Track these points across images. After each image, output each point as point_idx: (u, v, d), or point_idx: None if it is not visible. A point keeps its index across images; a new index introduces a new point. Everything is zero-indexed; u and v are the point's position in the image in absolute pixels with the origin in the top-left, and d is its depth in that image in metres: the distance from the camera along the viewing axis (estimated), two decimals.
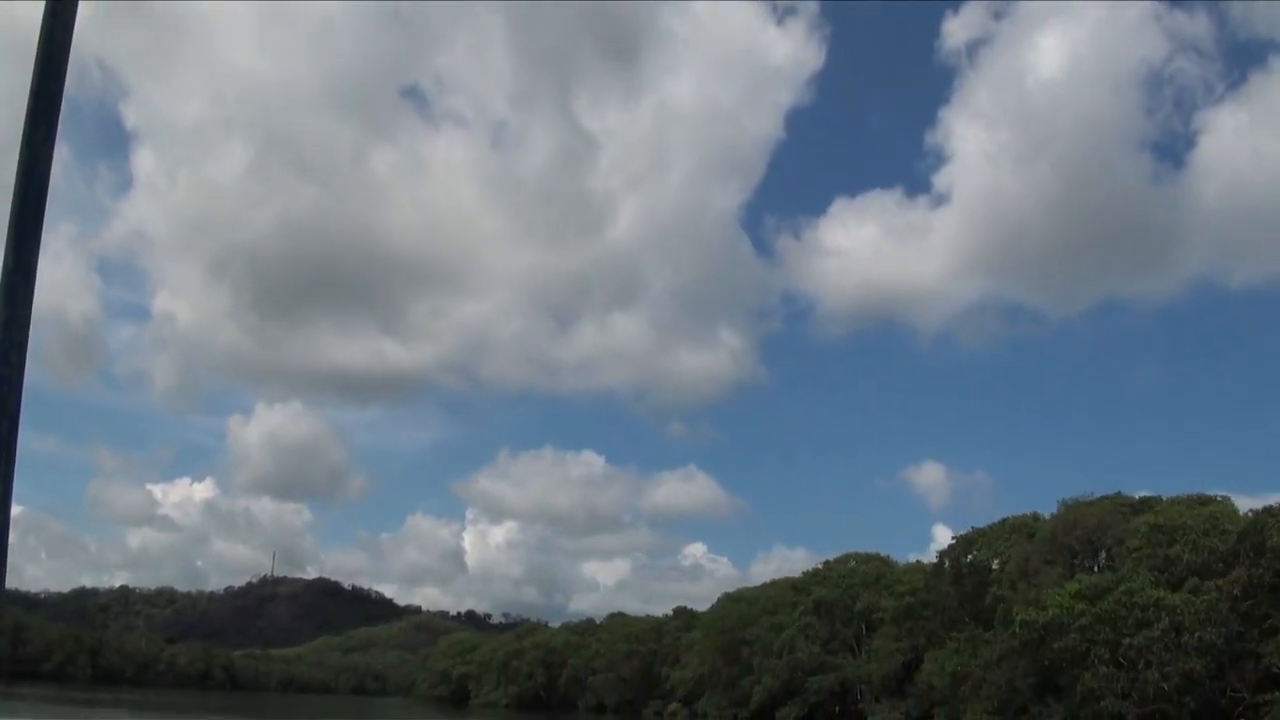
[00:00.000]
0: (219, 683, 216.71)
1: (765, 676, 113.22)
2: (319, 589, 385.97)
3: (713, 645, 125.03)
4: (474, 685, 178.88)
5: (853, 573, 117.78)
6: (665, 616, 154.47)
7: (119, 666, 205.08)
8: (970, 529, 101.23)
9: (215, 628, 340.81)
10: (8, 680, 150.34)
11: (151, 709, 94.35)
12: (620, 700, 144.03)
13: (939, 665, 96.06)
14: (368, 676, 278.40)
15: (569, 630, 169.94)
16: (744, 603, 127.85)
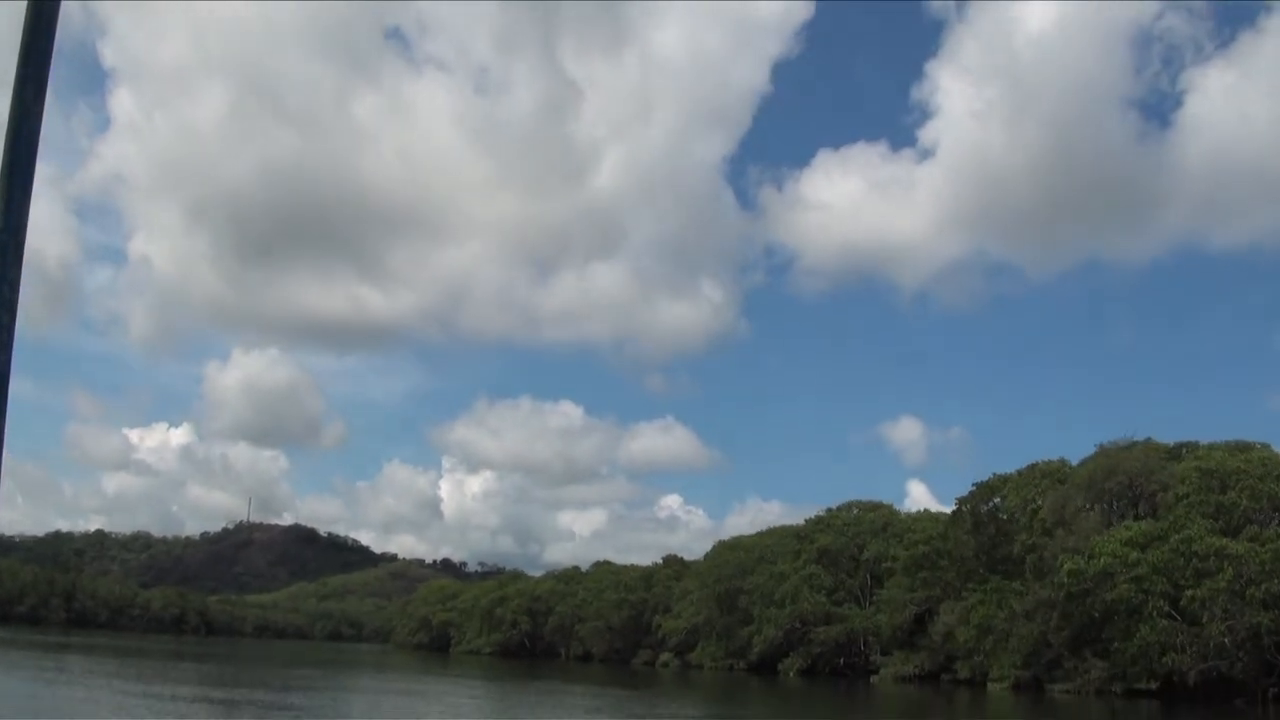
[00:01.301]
0: (194, 627, 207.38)
1: (766, 627, 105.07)
2: (295, 536, 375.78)
3: (708, 594, 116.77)
4: (455, 633, 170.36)
5: (858, 520, 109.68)
6: (655, 565, 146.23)
7: (93, 610, 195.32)
8: (992, 475, 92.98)
9: (190, 573, 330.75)
10: None
11: (127, 654, 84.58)
12: (608, 649, 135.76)
13: (960, 617, 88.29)
14: (344, 623, 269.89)
15: (554, 578, 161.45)
16: (741, 550, 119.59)
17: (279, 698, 43.97)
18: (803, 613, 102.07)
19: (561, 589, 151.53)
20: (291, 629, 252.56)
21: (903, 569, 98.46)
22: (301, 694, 48.29)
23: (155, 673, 58.43)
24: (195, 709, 35.94)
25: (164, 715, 30.90)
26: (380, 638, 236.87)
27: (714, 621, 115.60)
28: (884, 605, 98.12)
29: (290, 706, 39.52)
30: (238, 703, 37.84)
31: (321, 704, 43.27)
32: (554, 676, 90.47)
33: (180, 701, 37.32)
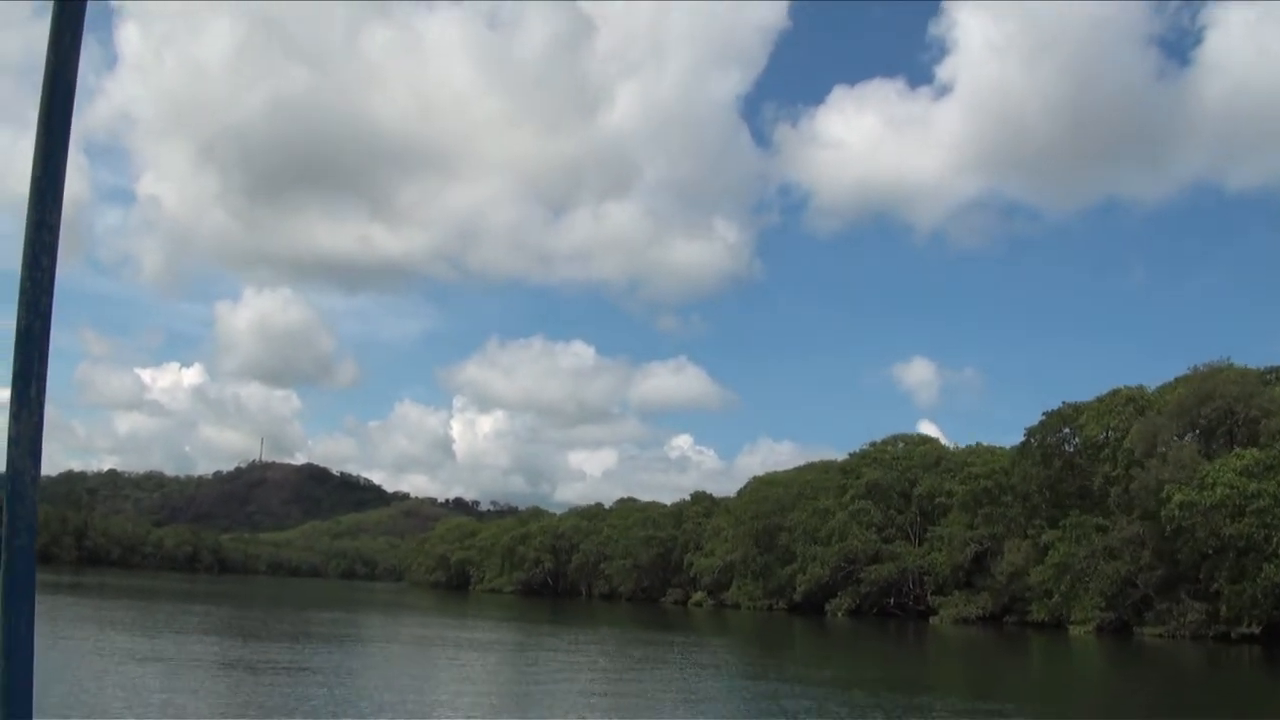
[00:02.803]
0: (207, 565, 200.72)
1: (811, 565, 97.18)
2: (307, 475, 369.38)
3: (744, 532, 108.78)
4: (474, 571, 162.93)
5: (907, 455, 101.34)
6: (683, 501, 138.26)
7: (105, 548, 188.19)
8: (1062, 404, 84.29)
9: (203, 512, 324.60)
10: None
11: (134, 595, 76.78)
12: (635, 588, 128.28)
13: (1026, 555, 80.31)
14: (357, 561, 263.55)
15: (577, 515, 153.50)
16: (779, 486, 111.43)
17: (304, 656, 35.68)
18: (851, 550, 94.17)
19: (585, 526, 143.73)
20: (305, 567, 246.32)
21: (960, 505, 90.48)
22: (330, 650, 40.14)
23: (159, 620, 50.40)
24: (205, 674, 27.68)
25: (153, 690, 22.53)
26: (394, 576, 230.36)
27: (750, 560, 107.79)
28: (940, 543, 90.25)
29: (320, 668, 31.24)
30: (257, 666, 29.50)
31: (356, 662, 35.06)
32: (589, 618, 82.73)
33: (185, 665, 29.08)
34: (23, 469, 1.41)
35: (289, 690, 23.95)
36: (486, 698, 25.21)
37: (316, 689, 24.98)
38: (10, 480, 1.40)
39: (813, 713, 25.38)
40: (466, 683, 28.94)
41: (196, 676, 26.15)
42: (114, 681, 23.67)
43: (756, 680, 34.29)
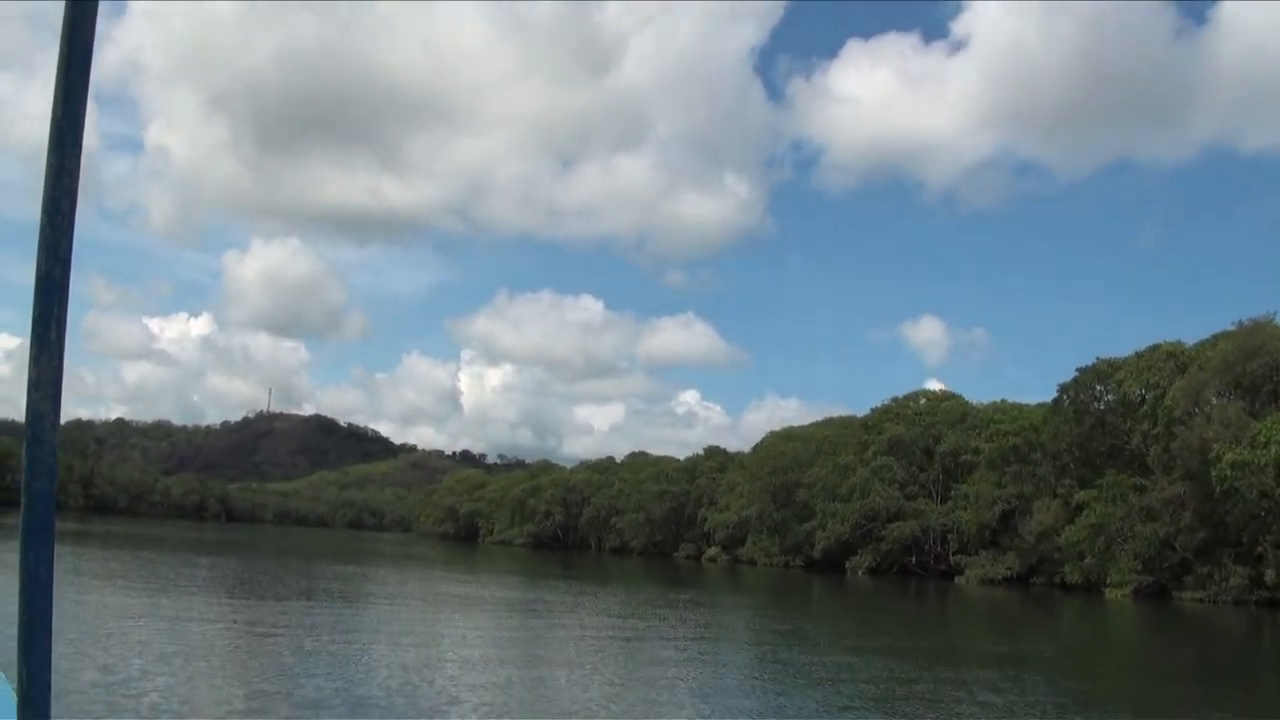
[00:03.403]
0: (214, 514, 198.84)
1: (831, 522, 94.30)
2: (315, 425, 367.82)
3: (761, 487, 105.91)
4: (483, 523, 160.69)
5: (931, 410, 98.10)
6: (696, 456, 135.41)
7: (112, 496, 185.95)
8: (1096, 360, 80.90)
9: (211, 461, 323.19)
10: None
11: (138, 545, 74.31)
12: (648, 542, 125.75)
13: (1055, 515, 77.38)
14: (365, 511, 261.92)
15: (588, 468, 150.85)
16: (797, 441, 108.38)
17: (314, 614, 32.69)
18: (873, 508, 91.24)
19: (597, 480, 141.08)
20: (313, 516, 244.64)
21: (987, 463, 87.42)
22: (342, 606, 37.22)
23: (163, 571, 47.50)
24: (211, 635, 24.65)
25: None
26: (401, 526, 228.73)
27: (767, 515, 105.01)
28: (965, 501, 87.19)
29: (329, 628, 28.27)
30: (267, 630, 26.46)
31: (367, 619, 32.08)
32: (608, 575, 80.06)
33: (186, 623, 26.06)
34: (43, 412, 1.39)
35: (293, 650, 21.11)
36: (508, 672, 22.23)
37: (323, 654, 22.06)
38: (31, 424, 1.39)
39: (863, 682, 22.41)
40: (491, 646, 26.04)
41: (199, 635, 23.23)
42: (115, 638, 20.84)
43: (801, 646, 31.30)
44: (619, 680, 21.35)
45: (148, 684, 16.27)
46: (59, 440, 1.43)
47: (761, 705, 19.62)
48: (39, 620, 1.36)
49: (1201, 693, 25.11)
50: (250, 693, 16.79)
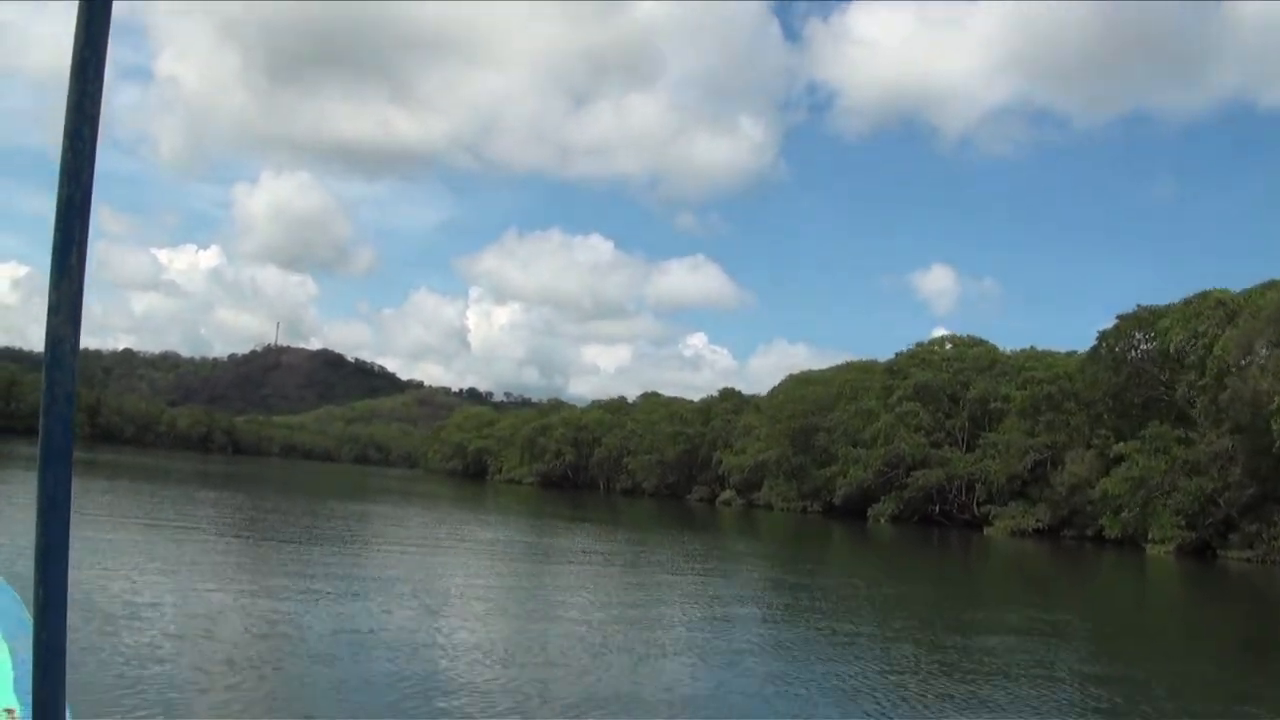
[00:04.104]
0: (220, 446, 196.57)
1: (853, 468, 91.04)
2: (322, 360, 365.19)
3: (780, 431, 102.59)
4: (492, 461, 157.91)
5: (960, 356, 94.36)
6: (710, 397, 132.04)
7: (118, 426, 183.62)
8: (1137, 307, 76.95)
9: (218, 393, 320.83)
10: (2, 436, 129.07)
11: (138, 476, 71.26)
12: (660, 484, 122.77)
13: (1089, 466, 74.08)
14: (371, 447, 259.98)
15: (600, 408, 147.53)
16: (817, 385, 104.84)
17: (321, 559, 29.39)
18: (897, 454, 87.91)
19: (609, 420, 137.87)
20: (319, 451, 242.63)
21: (1019, 411, 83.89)
22: (356, 550, 33.96)
23: (165, 504, 44.18)
24: (216, 577, 21.26)
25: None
26: (408, 462, 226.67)
27: (785, 460, 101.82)
28: (994, 450, 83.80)
29: (344, 571, 24.94)
30: (281, 590, 23.03)
31: (378, 563, 28.73)
32: (627, 518, 77.01)
33: (187, 571, 22.62)
34: (63, 336, 1.35)
35: (296, 595, 17.86)
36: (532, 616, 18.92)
37: (324, 600, 19.21)
38: (50, 348, 1.35)
39: (892, 639, 19.09)
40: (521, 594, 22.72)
41: (198, 576, 20.01)
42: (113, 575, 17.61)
43: (848, 600, 27.97)
44: (627, 635, 18.76)
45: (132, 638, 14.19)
46: (78, 366, 1.42)
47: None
48: (56, 542, 1.35)
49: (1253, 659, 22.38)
50: (248, 637, 15.20)
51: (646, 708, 13.19)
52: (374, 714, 11.52)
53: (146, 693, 11.22)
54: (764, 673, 16.33)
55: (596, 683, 14.36)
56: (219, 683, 12.28)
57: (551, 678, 14.37)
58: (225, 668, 13.02)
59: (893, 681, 16.52)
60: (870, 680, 16.32)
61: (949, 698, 15.42)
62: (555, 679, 14.31)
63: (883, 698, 15.08)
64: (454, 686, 13.28)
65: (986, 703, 15.27)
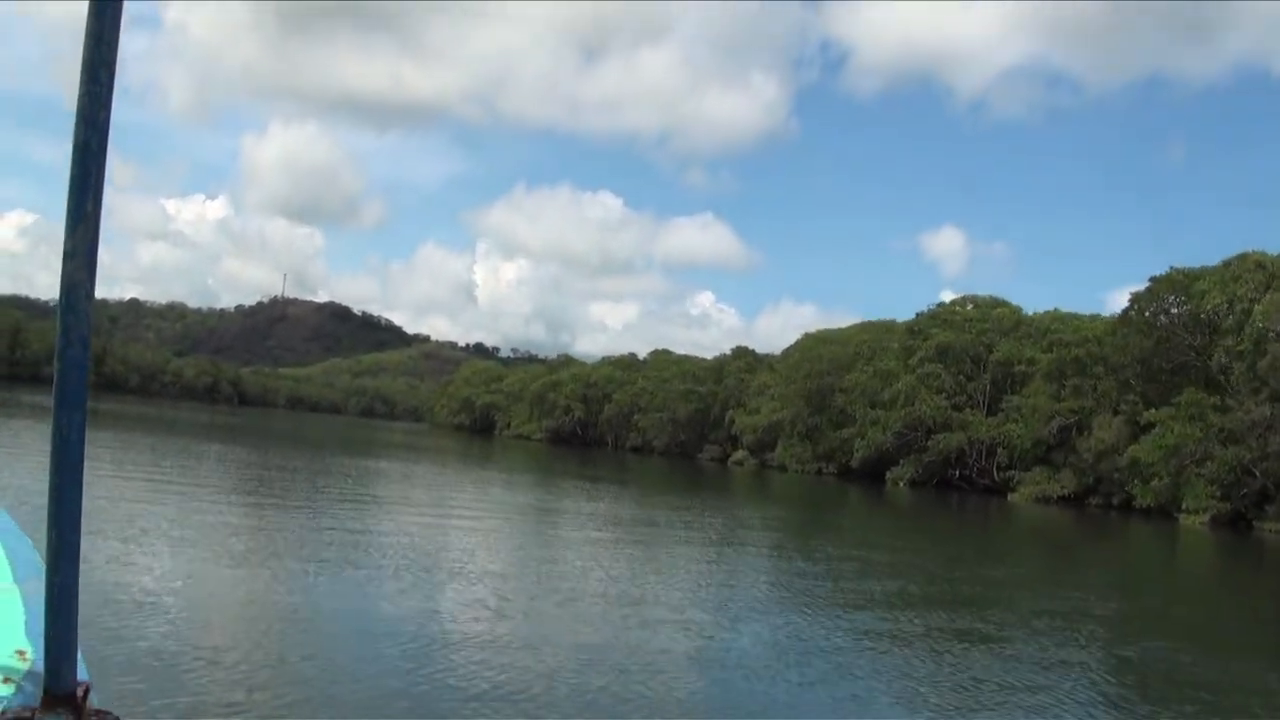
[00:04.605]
0: (226, 397, 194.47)
1: (871, 430, 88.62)
2: (329, 312, 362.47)
3: (796, 390, 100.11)
4: (500, 416, 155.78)
5: (982, 317, 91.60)
6: (723, 356, 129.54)
7: (124, 376, 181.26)
8: (1170, 269, 74.17)
9: (224, 345, 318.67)
10: (6, 383, 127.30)
11: (135, 426, 69.28)
12: (671, 442, 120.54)
13: (1116, 433, 71.69)
14: (377, 400, 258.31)
15: (610, 364, 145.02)
16: (834, 344, 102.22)
17: (327, 518, 27.10)
18: (918, 416, 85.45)
19: (620, 376, 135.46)
20: (325, 403, 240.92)
21: (1044, 375, 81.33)
22: (365, 508, 31.67)
23: (168, 456, 41.86)
24: (209, 535, 18.96)
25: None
26: (413, 416, 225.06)
27: (800, 420, 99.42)
28: (1019, 414, 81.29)
29: (351, 528, 22.63)
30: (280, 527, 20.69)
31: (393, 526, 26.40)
32: (636, 472, 74.85)
33: (189, 524, 20.25)
34: (78, 282, 1.35)
35: (297, 555, 15.96)
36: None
37: (329, 563, 17.56)
38: (65, 293, 1.35)
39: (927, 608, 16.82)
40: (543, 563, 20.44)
41: (200, 535, 17.85)
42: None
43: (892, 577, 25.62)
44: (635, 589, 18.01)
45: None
46: (93, 310, 1.42)
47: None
48: (69, 485, 1.35)
49: None
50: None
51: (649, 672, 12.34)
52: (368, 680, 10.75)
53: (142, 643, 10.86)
54: (768, 640, 15.16)
55: (602, 644, 13.51)
56: (214, 639, 11.84)
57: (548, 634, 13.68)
58: (222, 621, 12.79)
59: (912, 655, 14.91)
60: (891, 653, 15.02)
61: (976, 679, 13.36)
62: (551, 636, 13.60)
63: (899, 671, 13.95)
64: (452, 662, 12.10)
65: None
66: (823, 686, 12.89)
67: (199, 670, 10.36)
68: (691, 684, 12.29)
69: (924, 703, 12.63)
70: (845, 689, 12.96)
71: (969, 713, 12.43)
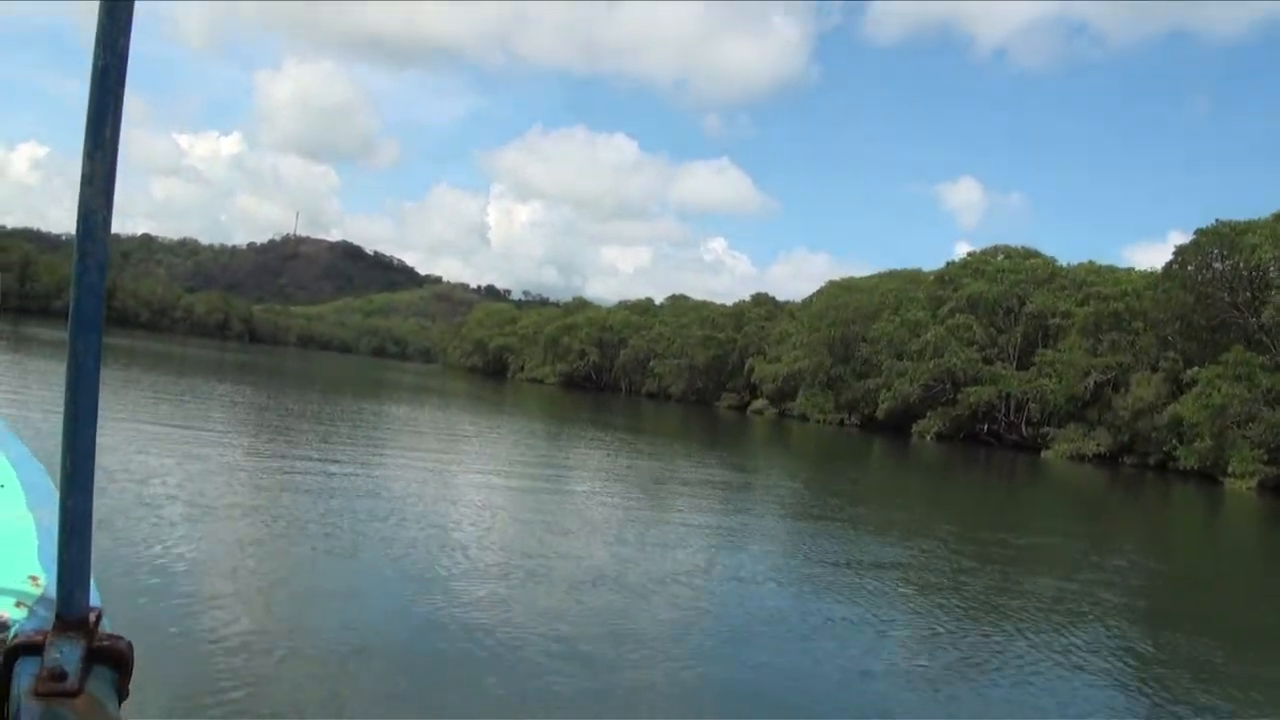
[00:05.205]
0: (237, 334, 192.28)
1: (899, 381, 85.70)
2: (341, 252, 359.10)
3: (819, 339, 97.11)
4: (513, 359, 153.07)
5: (1015, 268, 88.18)
6: (743, 302, 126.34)
7: (134, 310, 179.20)
8: (1216, 221, 70.55)
9: (236, 281, 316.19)
10: (15, 316, 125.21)
11: (163, 364, 66.67)
12: (688, 389, 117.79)
13: (1155, 391, 68.78)
14: (389, 340, 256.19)
15: (627, 309, 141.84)
16: (860, 293, 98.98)
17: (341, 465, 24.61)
18: (948, 369, 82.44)
19: (636, 321, 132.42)
20: (336, 342, 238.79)
21: (1080, 329, 78.16)
22: (381, 451, 29.02)
23: (174, 394, 39.10)
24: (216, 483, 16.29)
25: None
26: (424, 357, 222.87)
27: (822, 370, 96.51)
28: (1051, 369, 78.20)
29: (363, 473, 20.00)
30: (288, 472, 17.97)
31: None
32: (657, 420, 72.08)
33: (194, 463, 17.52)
34: (95, 208, 1.36)
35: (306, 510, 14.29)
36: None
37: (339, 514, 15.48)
38: (83, 219, 1.35)
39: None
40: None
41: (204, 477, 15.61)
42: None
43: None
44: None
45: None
46: (110, 238, 1.42)
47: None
48: (84, 410, 1.36)
49: None
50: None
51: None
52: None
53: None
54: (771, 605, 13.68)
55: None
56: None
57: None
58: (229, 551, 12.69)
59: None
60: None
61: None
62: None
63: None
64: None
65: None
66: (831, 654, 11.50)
67: (211, 597, 10.45)
68: (678, 655, 10.77)
69: (935, 667, 11.24)
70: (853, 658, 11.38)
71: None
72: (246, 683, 8.21)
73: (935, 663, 11.43)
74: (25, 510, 2.18)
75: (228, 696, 7.85)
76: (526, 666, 9.44)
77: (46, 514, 2.04)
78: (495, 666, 9.36)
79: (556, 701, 8.74)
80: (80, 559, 1.36)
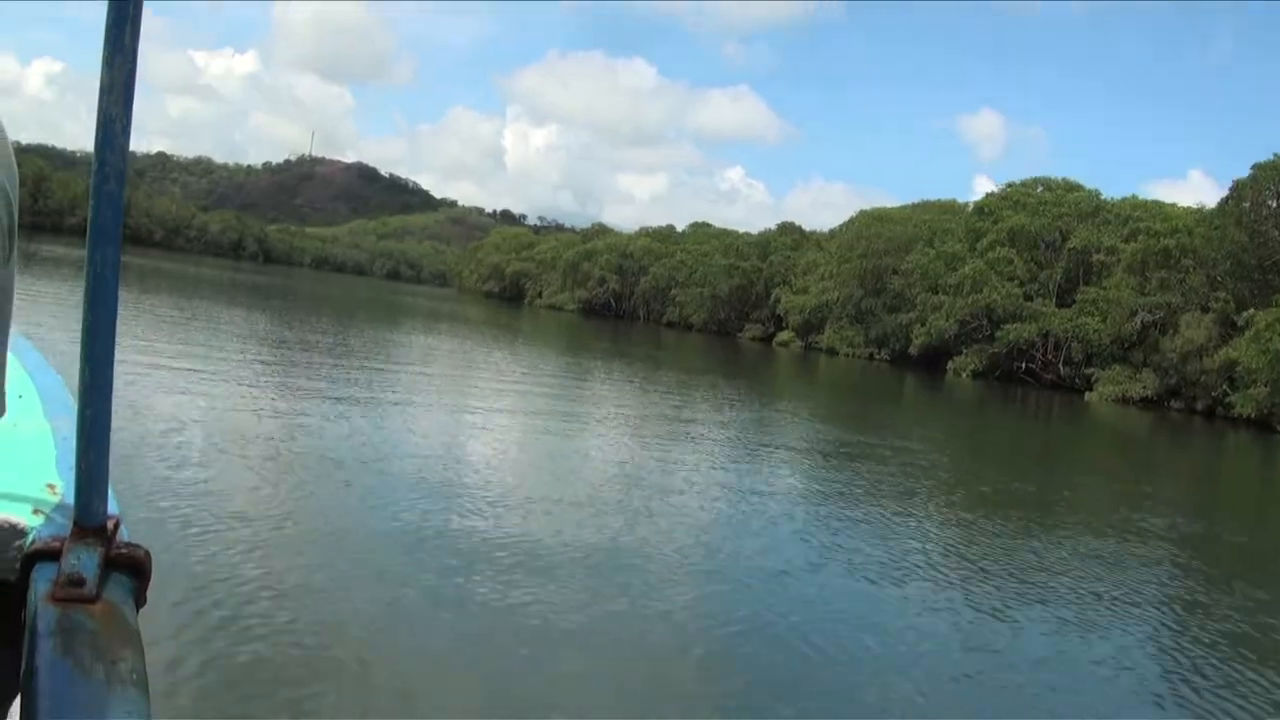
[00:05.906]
0: (251, 254, 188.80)
1: (934, 316, 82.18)
2: (356, 173, 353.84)
3: (850, 271, 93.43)
4: (530, 285, 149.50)
5: (1057, 201, 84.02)
6: (769, 231, 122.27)
7: (148, 229, 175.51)
8: (1275, 155, 66.31)
9: (250, 201, 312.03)
10: (28, 233, 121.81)
11: (177, 284, 63.80)
12: (710, 319, 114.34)
13: (1206, 333, 65.33)
14: (403, 263, 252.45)
15: (648, 235, 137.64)
16: (892, 223, 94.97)
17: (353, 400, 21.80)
18: (988, 304, 78.82)
19: (657, 248, 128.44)
20: (350, 264, 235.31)
21: (1127, 266, 74.33)
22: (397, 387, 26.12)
23: (185, 316, 35.98)
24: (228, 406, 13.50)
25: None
26: (438, 281, 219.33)
27: (852, 302, 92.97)
28: (1096, 307, 74.51)
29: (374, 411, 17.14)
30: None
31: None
32: (691, 355, 68.87)
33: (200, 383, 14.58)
34: (114, 116, 1.32)
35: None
36: None
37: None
38: (102, 127, 1.32)
39: None
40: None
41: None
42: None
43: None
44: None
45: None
46: (128, 145, 1.36)
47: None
48: (103, 320, 1.33)
49: None
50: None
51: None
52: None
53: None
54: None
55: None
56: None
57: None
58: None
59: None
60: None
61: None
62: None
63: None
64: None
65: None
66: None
67: (230, 507, 10.53)
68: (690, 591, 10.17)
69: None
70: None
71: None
72: (269, 586, 8.13)
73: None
74: (43, 419, 2.11)
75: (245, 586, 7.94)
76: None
77: (64, 423, 2.00)
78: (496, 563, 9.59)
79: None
80: (98, 467, 1.36)
